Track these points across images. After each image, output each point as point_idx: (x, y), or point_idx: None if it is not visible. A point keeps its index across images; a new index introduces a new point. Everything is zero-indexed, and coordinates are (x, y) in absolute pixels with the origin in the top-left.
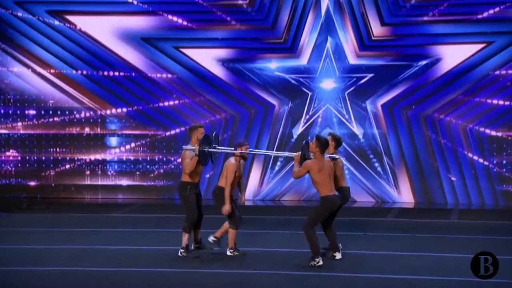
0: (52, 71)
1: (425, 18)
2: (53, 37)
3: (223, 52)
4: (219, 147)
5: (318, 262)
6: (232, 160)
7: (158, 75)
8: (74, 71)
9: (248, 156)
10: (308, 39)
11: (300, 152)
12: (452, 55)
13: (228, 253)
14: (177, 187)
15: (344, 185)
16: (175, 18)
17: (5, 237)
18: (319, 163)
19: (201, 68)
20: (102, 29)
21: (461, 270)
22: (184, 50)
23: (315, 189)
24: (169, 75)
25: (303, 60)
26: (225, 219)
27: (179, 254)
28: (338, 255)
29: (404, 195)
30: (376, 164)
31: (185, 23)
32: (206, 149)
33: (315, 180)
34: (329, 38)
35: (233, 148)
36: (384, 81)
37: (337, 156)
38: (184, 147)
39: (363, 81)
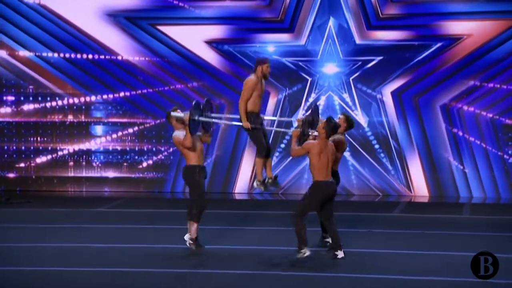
0: (31, 54)
1: None
2: (31, 17)
3: (214, 34)
4: (213, 115)
5: (305, 253)
6: (252, 76)
7: (147, 58)
8: (55, 55)
9: (269, 75)
10: (308, 18)
11: (298, 129)
12: (467, 37)
13: (255, 185)
14: (183, 172)
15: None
16: None
17: None
18: (321, 146)
19: (191, 51)
20: (84, 7)
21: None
22: (172, 31)
23: (311, 173)
24: (158, 59)
25: (303, 42)
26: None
27: (187, 244)
28: (340, 254)
29: (412, 188)
30: (382, 155)
31: (176, 2)
32: (196, 118)
33: (313, 163)
34: (331, 16)
35: (229, 116)
36: (392, 65)
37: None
38: (172, 113)
39: (370, 65)
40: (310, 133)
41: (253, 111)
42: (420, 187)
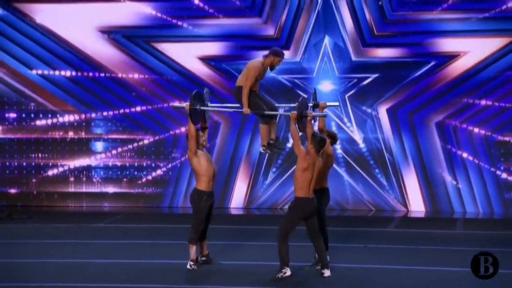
0: (33, 72)
1: (430, 15)
2: (32, 36)
3: (211, 51)
4: (212, 104)
5: (285, 273)
6: (259, 62)
7: (146, 76)
8: (56, 72)
9: (276, 67)
10: (304, 35)
11: (296, 112)
12: (460, 56)
13: (261, 150)
14: (191, 195)
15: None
16: (164, 16)
17: None
18: (309, 162)
19: (189, 69)
20: (83, 26)
21: (464, 286)
22: (170, 49)
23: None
24: (156, 76)
25: (298, 59)
26: None
27: (188, 267)
28: (327, 272)
29: (409, 203)
30: (377, 170)
31: (174, 20)
32: (198, 107)
33: (296, 177)
34: (326, 34)
35: (229, 105)
36: (387, 82)
37: (337, 104)
38: (171, 104)
39: (365, 82)
40: (308, 115)
41: (251, 89)
42: (416, 203)
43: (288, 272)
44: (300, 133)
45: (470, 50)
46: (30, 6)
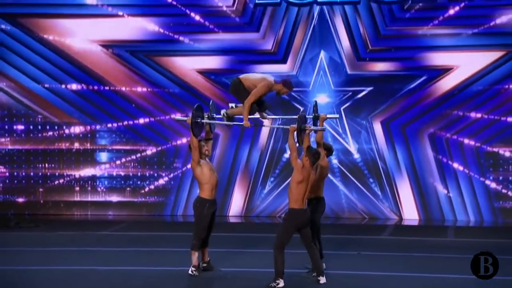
0: (40, 85)
1: (422, 31)
2: (39, 51)
3: (211, 65)
4: (217, 116)
5: (277, 284)
6: (270, 82)
7: (149, 89)
8: (63, 86)
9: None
10: (300, 50)
11: (295, 125)
12: (451, 70)
13: (230, 105)
14: (194, 202)
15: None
16: (166, 31)
17: None
18: (304, 175)
19: (190, 82)
20: (89, 42)
21: None
22: (172, 63)
23: (288, 196)
24: (159, 90)
25: (295, 73)
26: None
27: (190, 272)
28: (322, 280)
29: (402, 212)
30: (371, 180)
31: (175, 36)
32: (199, 120)
33: (291, 189)
34: (322, 49)
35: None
36: (381, 95)
37: (337, 116)
38: (173, 116)
39: (360, 95)
40: (306, 128)
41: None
42: (409, 211)
43: (281, 284)
44: (297, 145)
45: (461, 64)
46: (36, 21)
